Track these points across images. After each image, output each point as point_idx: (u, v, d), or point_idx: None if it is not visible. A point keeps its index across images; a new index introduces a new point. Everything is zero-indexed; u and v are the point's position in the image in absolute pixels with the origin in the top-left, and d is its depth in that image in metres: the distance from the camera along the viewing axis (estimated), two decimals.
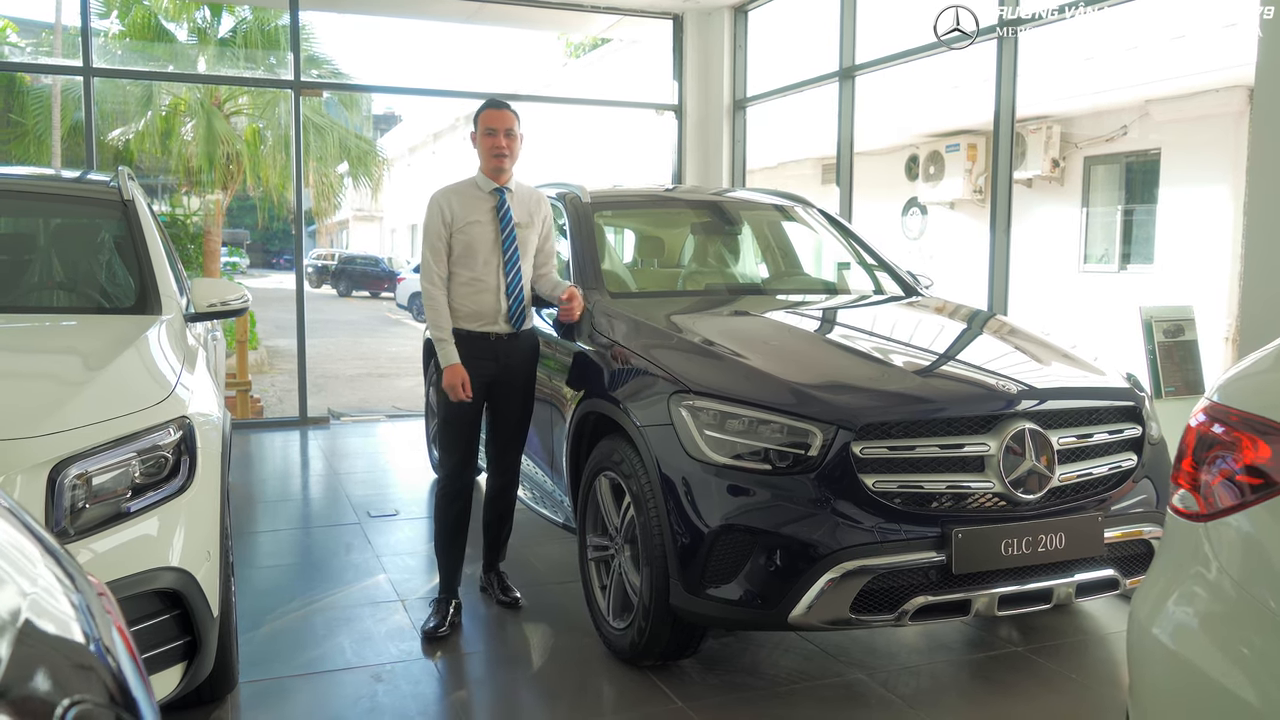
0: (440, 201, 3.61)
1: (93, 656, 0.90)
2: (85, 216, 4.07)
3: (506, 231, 3.60)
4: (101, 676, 0.89)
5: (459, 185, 3.67)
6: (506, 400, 3.72)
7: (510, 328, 3.64)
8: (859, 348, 3.43)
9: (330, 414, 8.21)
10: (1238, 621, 1.48)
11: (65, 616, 0.93)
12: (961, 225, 11.97)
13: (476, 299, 3.60)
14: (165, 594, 2.43)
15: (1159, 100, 9.59)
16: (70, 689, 0.81)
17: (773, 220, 5.01)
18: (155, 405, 2.57)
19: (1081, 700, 3.08)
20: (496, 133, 3.57)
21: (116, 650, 0.95)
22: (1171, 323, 4.44)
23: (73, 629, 0.92)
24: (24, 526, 1.06)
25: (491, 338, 3.62)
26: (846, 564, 2.73)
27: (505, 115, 3.62)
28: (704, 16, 8.56)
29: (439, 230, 3.58)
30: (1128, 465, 3.09)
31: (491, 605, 3.83)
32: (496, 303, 3.60)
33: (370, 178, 18.65)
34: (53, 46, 15.61)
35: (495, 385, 3.67)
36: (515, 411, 3.75)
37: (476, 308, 3.60)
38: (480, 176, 3.66)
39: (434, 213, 3.61)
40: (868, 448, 2.81)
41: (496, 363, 3.63)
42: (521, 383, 3.73)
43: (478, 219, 3.58)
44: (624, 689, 3.12)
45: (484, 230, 3.58)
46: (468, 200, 3.61)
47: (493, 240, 3.59)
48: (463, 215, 3.58)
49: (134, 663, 0.99)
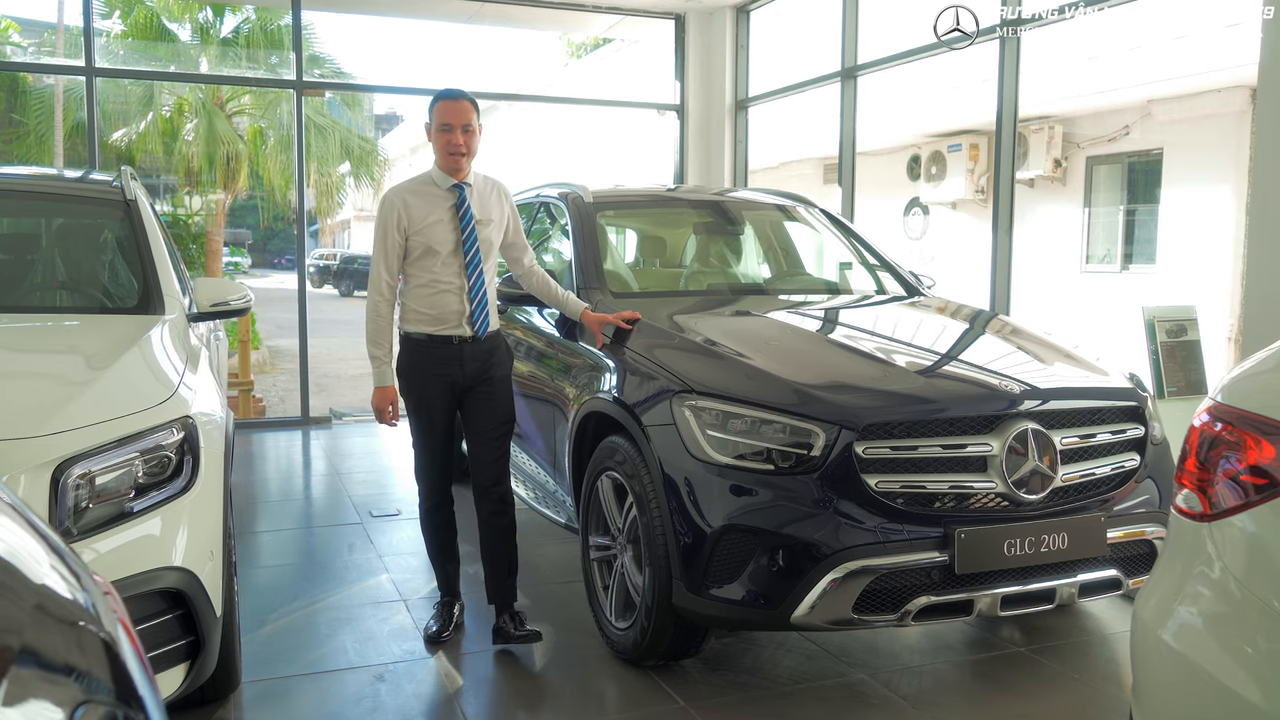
0: (395, 202, 3.34)
1: (100, 655, 0.91)
2: (88, 216, 4.08)
3: (468, 231, 3.35)
4: (109, 675, 0.89)
5: (414, 183, 3.40)
6: (479, 411, 3.44)
7: (473, 331, 3.38)
8: (861, 348, 3.42)
9: (332, 414, 8.21)
10: (1242, 621, 1.48)
11: (72, 615, 0.94)
12: (963, 225, 11.96)
13: (437, 300, 3.35)
14: (168, 594, 2.43)
15: (1161, 100, 9.59)
16: (79, 688, 0.82)
17: (775, 220, 5.00)
18: (158, 405, 2.58)
19: (1085, 700, 3.08)
20: (453, 129, 3.29)
21: (123, 649, 0.96)
22: (1174, 323, 4.44)
23: (80, 627, 0.93)
24: (29, 524, 1.06)
25: (455, 341, 3.37)
26: (849, 564, 2.73)
27: (462, 108, 3.31)
28: (706, 16, 8.56)
29: (392, 236, 3.33)
30: (1130, 465, 3.09)
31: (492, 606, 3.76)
32: (460, 304, 3.36)
33: (372, 177, 18.66)
34: (55, 46, 15.63)
35: (465, 395, 3.43)
36: (490, 423, 3.43)
37: (437, 311, 3.36)
38: (437, 172, 3.38)
39: (388, 214, 3.34)
40: (870, 448, 2.81)
41: (462, 368, 3.39)
42: (494, 390, 3.45)
43: (438, 218, 3.33)
44: (626, 689, 3.12)
45: (444, 230, 3.33)
46: (425, 199, 3.35)
47: (454, 241, 3.34)
48: (421, 215, 3.32)
49: (140, 661, 0.99)
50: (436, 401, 3.42)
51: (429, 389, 3.41)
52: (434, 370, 3.39)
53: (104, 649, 0.91)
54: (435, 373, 3.39)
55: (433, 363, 3.39)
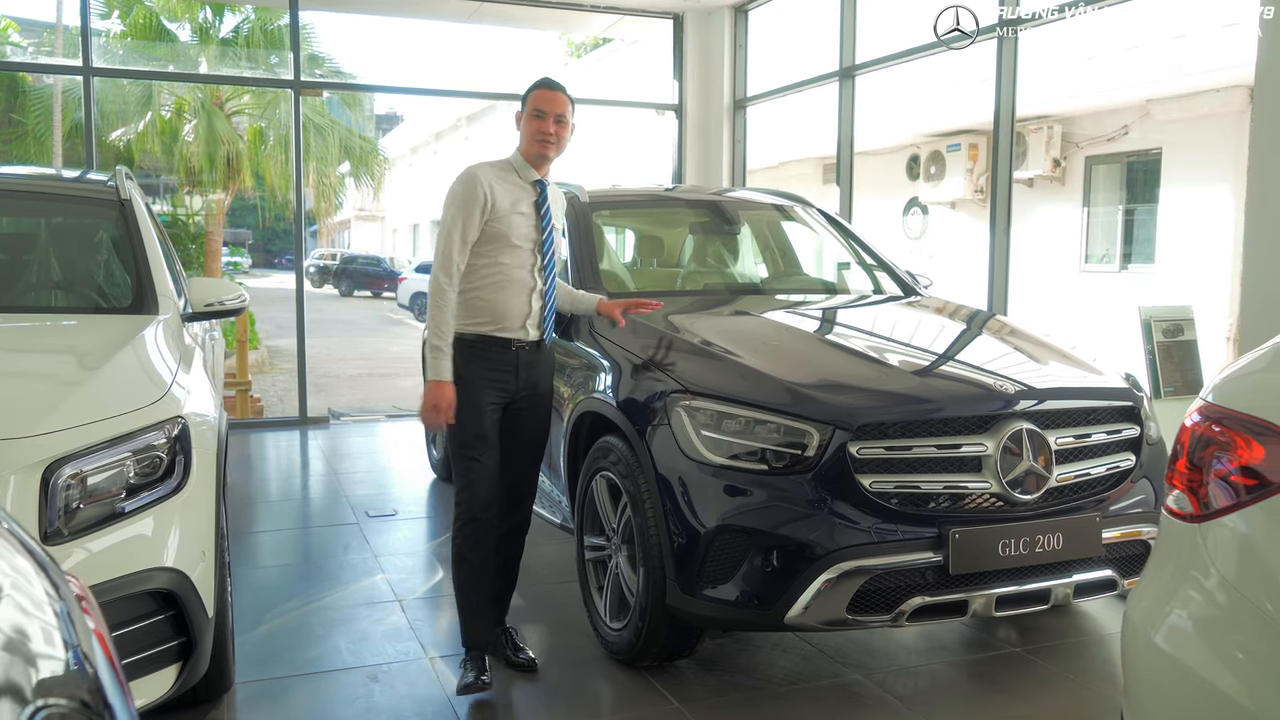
0: (481, 179, 3.01)
1: (70, 663, 0.90)
2: (82, 216, 4.07)
3: (548, 230, 3.13)
4: (77, 682, 0.89)
5: (494, 167, 3.12)
6: (522, 424, 3.17)
7: (540, 335, 3.13)
8: (856, 348, 3.42)
9: (330, 414, 8.21)
10: (1232, 623, 1.47)
11: (49, 627, 0.93)
12: (963, 225, 11.96)
13: (502, 296, 3.04)
14: (160, 594, 2.43)
15: (1160, 100, 9.58)
16: (38, 692, 0.81)
17: (772, 220, 5.00)
18: (150, 405, 2.57)
19: (1080, 701, 3.07)
20: (546, 116, 3.07)
21: (95, 657, 0.95)
22: (1170, 323, 4.43)
23: (54, 637, 0.92)
24: (15, 539, 1.06)
25: (514, 347, 3.08)
26: (843, 564, 2.72)
27: (558, 98, 3.11)
28: (704, 16, 8.56)
29: (475, 215, 2.98)
30: (1126, 465, 3.08)
31: None
32: (527, 304, 3.08)
33: (372, 177, 18.67)
34: (54, 46, 15.63)
35: (511, 405, 3.13)
36: (531, 437, 3.22)
37: (501, 306, 3.05)
38: (519, 161, 3.13)
39: (472, 189, 2.99)
40: (864, 448, 2.81)
41: (517, 378, 3.10)
42: (541, 404, 3.22)
43: (521, 210, 3.07)
44: (621, 690, 3.11)
45: (525, 222, 3.07)
46: (509, 185, 3.08)
47: (534, 237, 3.09)
48: (506, 201, 3.03)
49: (112, 669, 0.99)
50: (489, 413, 3.07)
51: (482, 397, 3.05)
52: (487, 377, 3.05)
53: (75, 658, 0.91)
54: (489, 379, 3.05)
55: (486, 368, 3.05)
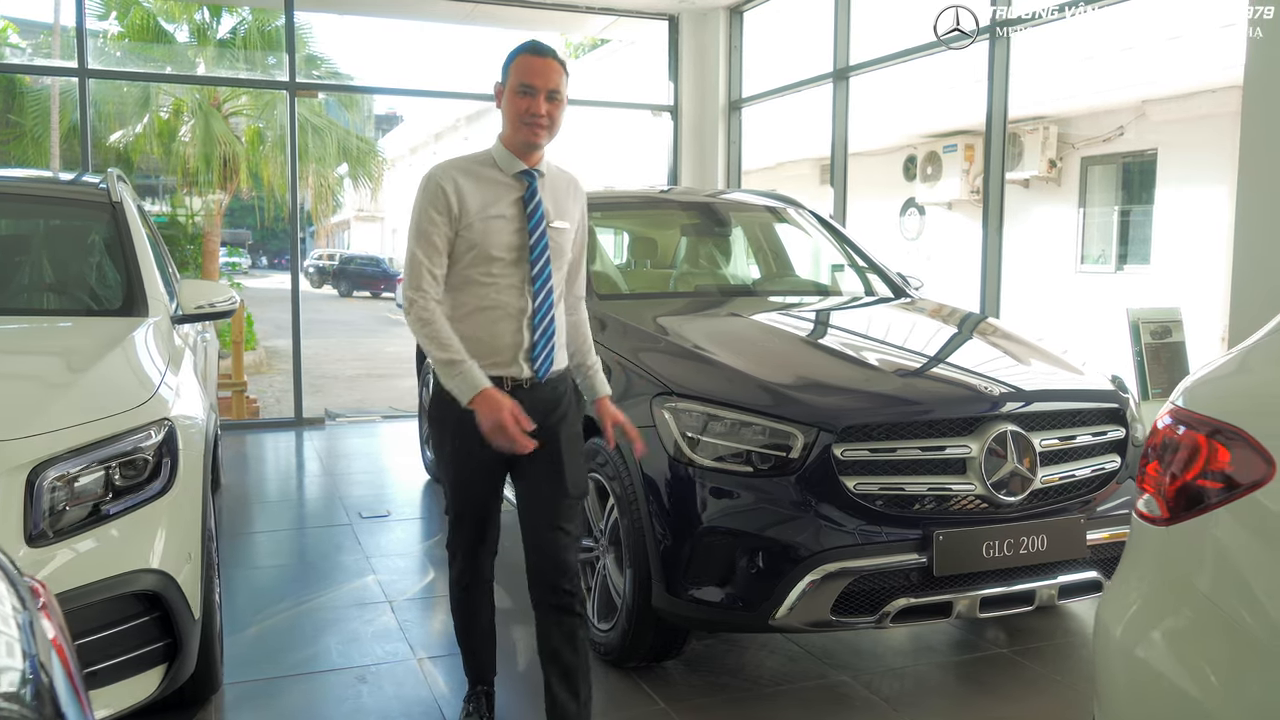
0: (441, 180, 2.43)
1: (26, 673, 0.92)
2: (73, 218, 4.08)
3: (537, 234, 2.46)
4: (31, 692, 0.90)
5: (467, 161, 2.52)
6: (536, 479, 2.51)
7: (532, 372, 2.48)
8: (843, 350, 3.43)
9: (326, 414, 8.22)
10: (1200, 627, 1.48)
11: (10, 639, 0.95)
12: (959, 226, 11.96)
13: (486, 326, 2.46)
14: (145, 596, 2.43)
15: (1156, 100, 9.59)
16: None
17: (764, 222, 5.01)
18: (137, 407, 2.58)
19: (1066, 702, 3.08)
20: (535, 93, 2.41)
21: (51, 667, 0.97)
22: (1159, 324, 4.44)
23: (14, 649, 0.94)
24: None
25: (507, 385, 2.45)
26: (827, 566, 2.73)
27: (549, 67, 2.42)
28: (699, 17, 8.57)
29: (434, 219, 2.41)
30: (1111, 467, 3.09)
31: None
32: (516, 333, 2.46)
33: (370, 178, 18.68)
34: (51, 47, 15.64)
35: (518, 459, 2.46)
36: (551, 495, 2.50)
37: (485, 339, 2.45)
38: (501, 151, 2.49)
39: (432, 194, 2.42)
40: (849, 450, 2.82)
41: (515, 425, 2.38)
42: (561, 451, 2.51)
43: (498, 212, 2.44)
44: (608, 691, 3.12)
45: (505, 229, 2.44)
46: (483, 184, 2.46)
47: (517, 245, 2.45)
48: (477, 204, 2.43)
49: (69, 679, 1.00)
50: (478, 460, 2.49)
51: (470, 443, 2.44)
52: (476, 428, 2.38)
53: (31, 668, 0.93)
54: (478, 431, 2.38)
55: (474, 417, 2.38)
